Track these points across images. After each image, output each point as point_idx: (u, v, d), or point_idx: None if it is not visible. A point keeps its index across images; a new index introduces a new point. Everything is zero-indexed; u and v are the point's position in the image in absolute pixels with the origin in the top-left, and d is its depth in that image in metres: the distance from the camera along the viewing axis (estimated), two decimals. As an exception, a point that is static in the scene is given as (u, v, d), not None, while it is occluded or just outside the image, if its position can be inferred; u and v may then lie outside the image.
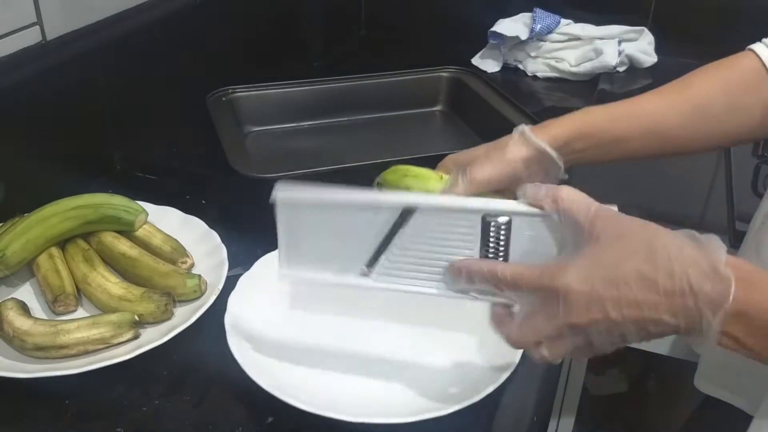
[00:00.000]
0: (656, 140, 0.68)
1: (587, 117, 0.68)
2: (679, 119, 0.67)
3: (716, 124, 0.68)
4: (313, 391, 0.60)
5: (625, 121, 0.68)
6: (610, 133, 0.67)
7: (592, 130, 0.67)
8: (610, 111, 0.68)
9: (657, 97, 0.69)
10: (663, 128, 0.68)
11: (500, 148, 0.66)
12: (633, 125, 0.67)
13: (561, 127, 0.66)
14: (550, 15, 1.29)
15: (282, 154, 1.03)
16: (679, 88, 0.69)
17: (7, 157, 0.80)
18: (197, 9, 1.08)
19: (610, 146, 0.68)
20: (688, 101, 0.68)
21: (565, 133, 0.66)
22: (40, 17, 0.83)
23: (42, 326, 0.64)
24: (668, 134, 0.68)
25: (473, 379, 0.60)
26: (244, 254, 0.76)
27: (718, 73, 0.69)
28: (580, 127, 0.67)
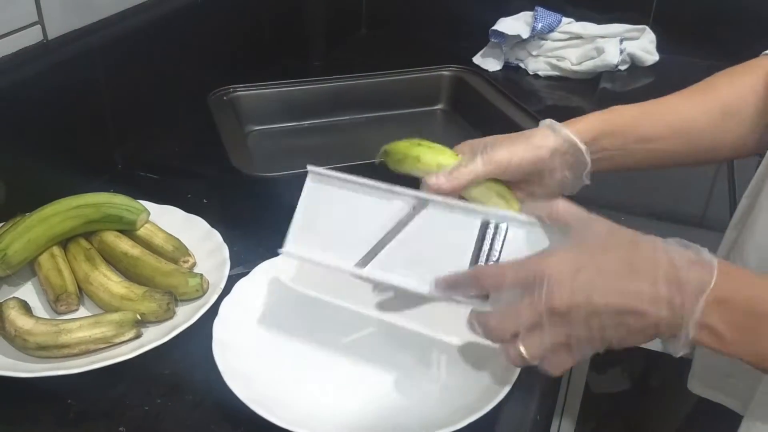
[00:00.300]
0: (685, 142, 0.66)
1: (614, 115, 0.66)
2: (708, 121, 0.66)
3: (748, 127, 0.66)
4: (294, 406, 0.59)
5: (653, 119, 0.66)
6: (637, 132, 0.65)
7: (619, 128, 0.65)
8: (637, 109, 0.66)
9: (683, 99, 0.67)
10: (692, 129, 0.66)
11: (526, 135, 0.63)
12: (661, 124, 0.65)
13: (588, 122, 0.64)
14: (551, 13, 1.29)
15: (283, 152, 1.03)
16: (704, 90, 0.67)
17: (9, 157, 0.80)
18: (198, 8, 1.08)
19: (637, 146, 0.65)
20: (717, 103, 0.66)
21: (593, 128, 0.64)
22: (41, 16, 0.83)
23: (44, 325, 0.64)
24: (698, 136, 0.66)
25: (465, 403, 0.59)
26: (245, 253, 0.77)
27: (744, 77, 0.67)
28: (607, 123, 0.65)
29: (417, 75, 1.13)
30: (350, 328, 0.69)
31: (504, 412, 0.60)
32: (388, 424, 0.59)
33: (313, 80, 1.09)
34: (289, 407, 0.59)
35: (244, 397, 0.57)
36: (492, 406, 0.57)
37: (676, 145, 0.66)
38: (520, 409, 0.62)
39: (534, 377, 0.64)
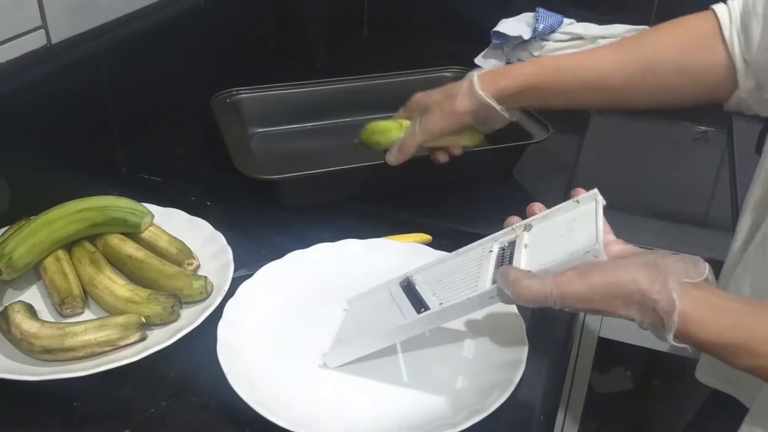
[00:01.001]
0: (597, 94, 0.73)
1: (536, 70, 0.74)
2: (625, 77, 0.71)
3: (661, 83, 0.71)
4: (298, 408, 0.60)
5: (569, 74, 0.73)
6: (554, 87, 0.74)
7: (538, 83, 0.74)
8: (557, 64, 0.75)
9: (608, 53, 0.73)
10: (606, 84, 0.72)
11: (452, 97, 0.76)
12: (575, 79, 0.73)
13: (510, 79, 0.74)
14: (552, 14, 1.29)
15: (287, 155, 1.03)
16: (632, 44, 0.73)
17: (13, 161, 0.80)
18: (200, 11, 1.09)
19: (553, 98, 0.75)
20: (637, 59, 0.71)
21: (513, 86, 0.74)
22: (45, 21, 0.83)
23: (49, 329, 0.64)
24: (611, 90, 0.72)
25: (469, 404, 0.59)
26: (249, 255, 0.77)
27: (673, 31, 0.71)
28: (528, 81, 0.74)
29: (420, 77, 1.13)
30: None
31: (507, 413, 0.60)
32: (391, 425, 0.59)
33: (316, 82, 1.09)
34: (293, 409, 0.59)
35: (249, 399, 0.58)
36: (495, 407, 0.58)
37: (592, 99, 0.75)
38: (523, 410, 0.62)
39: (537, 377, 0.65)
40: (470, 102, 0.75)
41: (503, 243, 0.62)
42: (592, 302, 0.51)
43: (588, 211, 0.59)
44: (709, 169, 1.06)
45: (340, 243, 0.77)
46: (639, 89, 0.72)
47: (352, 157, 0.87)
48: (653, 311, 0.48)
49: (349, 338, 0.65)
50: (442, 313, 0.60)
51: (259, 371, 0.63)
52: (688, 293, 0.48)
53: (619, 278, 0.50)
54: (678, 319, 0.48)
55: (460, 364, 0.65)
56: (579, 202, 0.60)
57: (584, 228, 0.57)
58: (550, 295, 0.51)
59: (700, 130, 1.13)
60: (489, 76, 0.75)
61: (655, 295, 0.48)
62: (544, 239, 0.60)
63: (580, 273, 0.51)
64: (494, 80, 0.74)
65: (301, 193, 0.88)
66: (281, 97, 1.08)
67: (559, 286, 0.51)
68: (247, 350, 0.65)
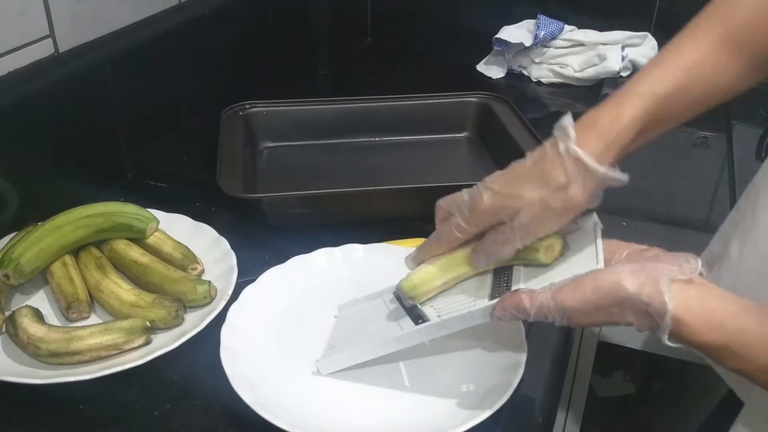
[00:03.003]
0: (712, 103, 0.59)
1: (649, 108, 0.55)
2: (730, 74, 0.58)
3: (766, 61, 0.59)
4: (300, 411, 0.60)
5: (682, 98, 0.57)
6: (667, 118, 0.58)
7: (652, 126, 0.57)
8: (664, 92, 0.56)
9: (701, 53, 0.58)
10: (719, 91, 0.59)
11: (559, 189, 0.54)
12: (691, 101, 0.58)
13: (623, 133, 0.55)
14: (553, 21, 1.30)
15: (294, 171, 1.01)
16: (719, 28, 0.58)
17: (21, 167, 0.81)
18: (205, 20, 1.10)
19: (663, 128, 0.58)
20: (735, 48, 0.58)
21: (630, 138, 0.55)
22: (52, 30, 0.85)
23: (56, 333, 0.65)
24: (723, 93, 0.59)
25: (468, 406, 0.60)
26: (252, 260, 0.78)
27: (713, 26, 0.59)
28: (644, 125, 0.56)
29: (443, 100, 1.09)
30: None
31: (506, 416, 0.61)
32: (391, 427, 0.60)
33: (332, 100, 1.08)
34: (296, 412, 0.60)
35: (252, 402, 0.58)
36: (494, 410, 0.58)
37: (703, 111, 0.60)
38: (521, 413, 0.63)
39: (536, 381, 0.65)
40: (590, 185, 0.54)
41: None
42: (591, 314, 0.52)
43: (586, 233, 0.59)
44: (709, 174, 1.06)
45: (343, 247, 0.78)
46: (748, 79, 0.59)
47: (360, 179, 0.86)
48: (647, 314, 0.49)
49: (343, 346, 0.66)
50: (441, 325, 0.60)
51: (261, 375, 0.64)
52: (681, 293, 0.49)
53: (609, 285, 0.50)
54: (671, 321, 0.48)
55: (459, 367, 0.66)
56: (577, 224, 0.60)
57: (583, 250, 0.57)
58: (549, 309, 0.52)
59: (699, 135, 1.13)
60: (592, 140, 0.54)
61: (646, 299, 0.49)
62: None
63: (573, 285, 0.52)
64: (603, 144, 0.54)
65: (282, 212, 0.87)
66: (295, 113, 1.06)
67: (556, 299, 0.52)
68: (249, 354, 0.65)
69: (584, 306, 0.51)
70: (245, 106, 1.04)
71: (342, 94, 1.10)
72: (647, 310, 0.49)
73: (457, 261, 0.61)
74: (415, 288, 0.62)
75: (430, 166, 1.04)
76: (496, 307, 0.56)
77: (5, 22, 0.78)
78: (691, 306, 0.48)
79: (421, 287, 0.62)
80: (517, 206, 0.55)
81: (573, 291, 0.52)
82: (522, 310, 0.54)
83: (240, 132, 0.99)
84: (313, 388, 0.64)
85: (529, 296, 0.54)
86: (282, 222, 0.87)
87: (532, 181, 0.55)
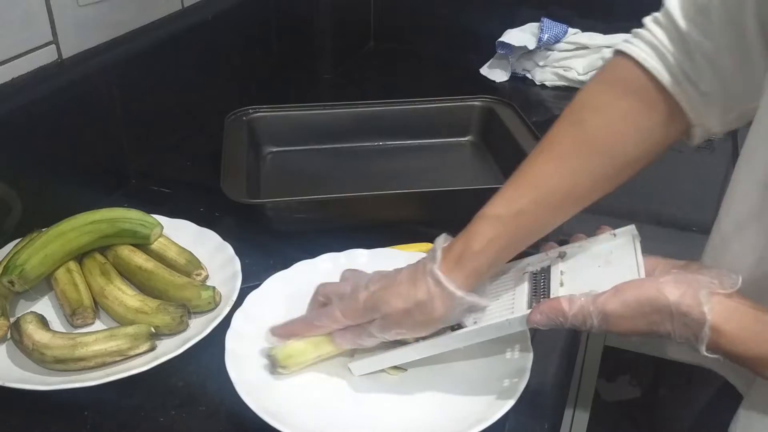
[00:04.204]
0: (570, 211, 0.61)
1: (497, 231, 0.59)
2: (589, 181, 0.59)
3: (629, 165, 0.60)
4: (305, 416, 0.60)
5: (535, 214, 0.59)
6: (522, 237, 0.61)
7: (508, 242, 0.60)
8: (514, 210, 0.59)
9: (557, 165, 0.59)
10: (576, 198, 0.60)
11: (421, 305, 0.59)
12: (544, 214, 0.60)
13: (476, 258, 0.59)
14: (557, 24, 1.30)
15: (298, 176, 1.01)
16: (576, 144, 0.59)
17: (25, 173, 0.81)
18: (208, 25, 1.10)
19: (527, 242, 0.61)
20: (594, 158, 0.59)
21: (485, 263, 0.60)
22: (56, 36, 0.85)
23: (60, 339, 0.65)
24: (581, 199, 0.60)
25: (473, 413, 0.60)
26: (257, 266, 0.78)
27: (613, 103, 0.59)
28: (498, 245, 0.59)
29: (446, 104, 1.09)
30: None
31: (512, 421, 0.61)
32: None
33: (336, 105, 1.07)
34: (301, 417, 0.60)
35: (257, 408, 0.58)
36: (500, 415, 0.58)
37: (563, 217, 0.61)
38: (528, 418, 0.62)
39: (542, 386, 0.65)
40: (449, 304, 0.59)
41: (536, 268, 0.63)
42: (631, 319, 0.52)
43: (625, 245, 0.60)
44: (714, 177, 1.06)
45: (347, 253, 0.78)
46: (605, 185, 0.60)
47: (366, 183, 0.86)
48: (685, 325, 0.50)
49: (378, 348, 0.66)
50: (477, 332, 0.61)
51: (266, 380, 0.64)
52: (720, 305, 0.50)
53: (650, 292, 0.51)
54: (709, 331, 0.49)
55: (464, 373, 0.66)
56: (615, 236, 0.62)
57: (623, 261, 0.58)
58: (589, 315, 0.53)
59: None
60: (453, 266, 0.59)
61: (686, 308, 0.50)
62: (581, 268, 0.61)
63: (615, 291, 0.53)
64: (462, 268, 0.59)
65: (286, 217, 0.87)
66: (299, 118, 1.06)
67: (596, 303, 0.53)
68: (254, 359, 0.65)
69: (625, 311, 0.52)
70: (249, 111, 1.04)
71: (345, 98, 1.10)
72: (686, 321, 0.50)
73: (326, 340, 0.65)
74: (289, 358, 0.64)
75: (434, 171, 1.04)
76: (534, 311, 0.56)
77: (9, 29, 0.78)
78: (729, 317, 0.49)
79: (295, 358, 0.65)
80: (384, 311, 0.60)
81: (614, 296, 0.53)
82: (561, 313, 0.54)
83: (244, 137, 0.99)
84: (318, 393, 0.64)
85: (568, 301, 0.54)
86: (286, 227, 0.87)
87: (400, 294, 0.60)
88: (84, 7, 0.88)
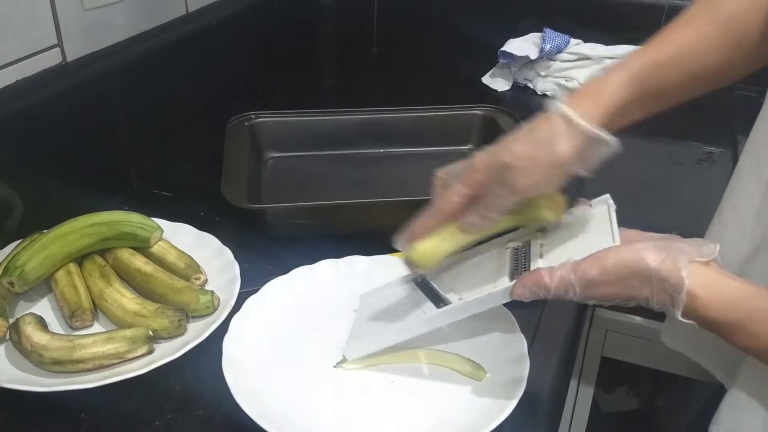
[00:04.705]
0: (701, 83, 0.62)
1: (632, 74, 0.58)
2: (718, 54, 0.61)
3: (754, 48, 0.61)
4: (302, 422, 0.60)
5: (672, 70, 0.60)
6: (658, 88, 0.60)
7: (642, 89, 0.58)
8: (651, 62, 0.59)
9: (692, 32, 0.61)
10: (707, 70, 0.61)
11: (547, 144, 0.56)
12: (680, 74, 0.60)
13: (608, 96, 0.57)
14: (559, 35, 1.30)
15: (299, 182, 1.01)
16: (710, 20, 0.61)
17: (27, 175, 0.82)
18: (211, 30, 1.11)
19: (656, 102, 0.61)
20: (726, 35, 0.60)
21: (618, 102, 0.57)
22: (60, 39, 0.85)
23: (59, 341, 0.65)
24: (713, 76, 0.62)
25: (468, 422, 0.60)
26: (255, 270, 0.78)
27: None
28: (631, 90, 0.58)
29: (448, 113, 1.10)
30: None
31: (507, 431, 0.61)
32: None
33: (337, 111, 1.08)
34: (297, 423, 0.60)
35: (253, 413, 0.58)
36: (495, 425, 0.58)
37: (694, 88, 0.62)
38: (523, 428, 0.62)
39: (539, 395, 0.65)
40: (575, 141, 0.56)
41: (517, 243, 0.64)
42: (609, 284, 0.53)
43: (601, 214, 0.61)
44: (714, 189, 1.06)
45: (346, 259, 0.78)
46: (736, 65, 0.62)
47: (366, 190, 0.86)
48: (663, 290, 0.51)
49: (367, 332, 0.67)
50: (463, 307, 0.62)
51: (263, 386, 0.64)
52: (697, 272, 0.50)
53: (630, 258, 0.52)
54: (686, 297, 0.50)
55: (460, 382, 0.66)
56: (591, 206, 0.63)
57: (600, 230, 0.59)
58: (570, 284, 0.53)
59: (705, 150, 1.13)
60: (583, 101, 0.57)
61: (665, 273, 0.50)
62: (559, 240, 0.62)
63: (594, 257, 0.53)
64: (592, 105, 0.57)
65: (286, 223, 0.88)
66: (300, 124, 1.07)
67: (577, 271, 0.53)
68: (251, 365, 0.65)
69: (605, 276, 0.52)
70: (251, 116, 1.05)
71: (347, 105, 1.10)
72: (664, 286, 0.50)
73: (455, 229, 0.61)
74: (422, 255, 0.61)
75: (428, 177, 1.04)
76: (516, 285, 0.56)
77: (13, 31, 0.79)
78: (706, 283, 0.50)
79: (429, 255, 0.61)
80: (507, 161, 0.57)
81: (593, 262, 0.53)
82: (543, 285, 0.55)
83: (245, 142, 0.99)
84: (314, 399, 0.64)
85: (549, 272, 0.55)
86: (286, 232, 0.87)
87: (522, 139, 0.58)
88: (89, 11, 0.88)
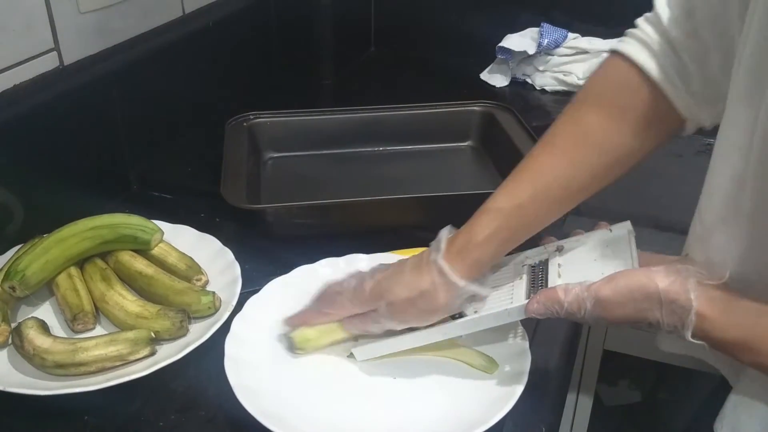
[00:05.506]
0: (569, 204, 0.63)
1: (500, 223, 0.61)
2: (587, 174, 0.62)
3: (625, 159, 0.62)
4: (304, 421, 0.61)
5: (535, 207, 0.62)
6: (522, 229, 0.62)
7: (510, 234, 0.62)
8: (516, 204, 0.61)
9: (557, 159, 0.62)
10: (575, 191, 0.62)
11: (425, 294, 0.61)
12: (544, 206, 0.62)
13: (479, 249, 0.61)
14: (557, 29, 1.30)
15: (298, 181, 1.02)
16: (574, 139, 0.62)
17: (27, 180, 0.82)
18: (208, 31, 1.11)
19: (528, 234, 0.63)
20: (591, 152, 0.61)
21: (488, 255, 0.62)
22: (57, 43, 0.85)
23: (61, 344, 0.65)
24: (580, 192, 0.63)
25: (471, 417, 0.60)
26: (256, 271, 0.78)
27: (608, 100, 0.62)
28: (500, 238, 0.61)
29: (447, 110, 1.10)
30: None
31: (509, 426, 0.61)
32: None
33: (335, 110, 1.08)
34: (300, 422, 0.60)
35: (256, 413, 0.58)
36: (497, 419, 0.58)
37: (563, 209, 0.64)
38: (525, 422, 0.62)
39: (540, 390, 0.65)
40: (452, 294, 0.61)
41: (535, 261, 0.65)
42: (623, 305, 0.54)
43: (621, 238, 0.62)
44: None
45: (346, 257, 0.78)
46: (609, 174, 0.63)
47: (369, 189, 0.87)
48: (672, 311, 0.52)
49: (381, 335, 0.66)
50: (478, 321, 0.62)
51: (265, 385, 0.64)
52: (706, 293, 0.52)
53: (641, 280, 0.53)
54: (695, 318, 0.51)
55: (462, 377, 0.66)
56: (612, 231, 0.64)
57: (619, 255, 0.60)
58: (583, 302, 0.54)
59: (705, 142, 1.13)
60: (456, 256, 0.61)
61: (674, 295, 0.52)
62: (577, 261, 0.62)
63: (608, 279, 0.55)
64: (464, 259, 0.61)
65: (286, 223, 0.88)
66: (299, 124, 1.07)
67: (590, 290, 0.54)
68: (253, 364, 0.66)
69: (616, 297, 0.54)
70: (249, 116, 1.05)
71: (345, 104, 1.10)
72: (673, 307, 0.52)
73: (338, 326, 0.68)
74: (306, 342, 0.68)
75: (433, 176, 1.04)
76: (532, 300, 0.58)
77: (10, 36, 0.79)
78: (714, 304, 0.51)
79: (311, 342, 0.68)
80: (390, 300, 0.62)
81: (607, 283, 0.54)
82: (557, 301, 0.56)
83: (244, 143, 1.00)
84: (317, 398, 0.64)
85: (564, 290, 0.56)
86: (286, 232, 0.87)
87: (405, 283, 0.62)
88: (85, 14, 0.88)
